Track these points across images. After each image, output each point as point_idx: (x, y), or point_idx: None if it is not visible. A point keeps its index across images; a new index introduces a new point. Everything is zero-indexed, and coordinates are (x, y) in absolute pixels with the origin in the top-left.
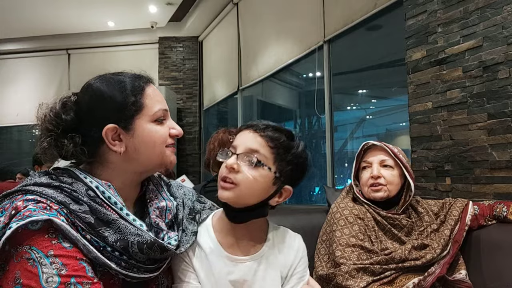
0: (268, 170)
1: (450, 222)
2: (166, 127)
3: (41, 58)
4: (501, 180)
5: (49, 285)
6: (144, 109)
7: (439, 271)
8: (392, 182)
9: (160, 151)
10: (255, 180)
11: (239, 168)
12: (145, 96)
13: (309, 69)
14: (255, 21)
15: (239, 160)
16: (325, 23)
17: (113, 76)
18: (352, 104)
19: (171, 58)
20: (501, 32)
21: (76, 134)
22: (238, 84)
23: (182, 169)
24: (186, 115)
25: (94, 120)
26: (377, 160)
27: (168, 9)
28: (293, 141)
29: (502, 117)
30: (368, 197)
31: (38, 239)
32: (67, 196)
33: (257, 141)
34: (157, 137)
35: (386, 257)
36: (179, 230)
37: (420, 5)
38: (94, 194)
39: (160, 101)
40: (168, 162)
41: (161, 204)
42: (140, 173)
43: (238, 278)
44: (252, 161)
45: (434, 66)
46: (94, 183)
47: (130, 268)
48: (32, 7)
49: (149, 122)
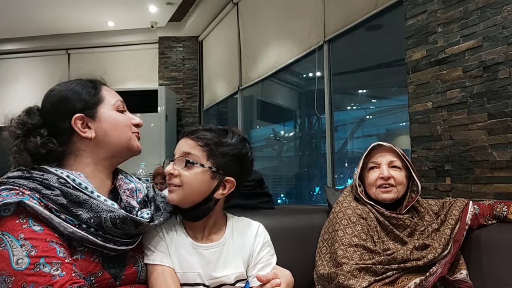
0: (202, 167)
1: (450, 221)
2: (127, 116)
3: (41, 58)
4: (501, 180)
5: (19, 266)
6: (105, 99)
7: (440, 271)
8: (401, 183)
9: (128, 134)
10: (192, 179)
11: (177, 172)
12: (103, 90)
13: (309, 69)
14: (255, 21)
15: (176, 165)
16: (325, 23)
17: (70, 81)
18: (352, 104)
19: (171, 58)
20: (501, 32)
21: (42, 129)
22: (238, 84)
23: None
24: (186, 115)
25: (60, 114)
26: (385, 161)
27: (168, 9)
28: (225, 136)
29: (502, 117)
30: (376, 198)
31: (9, 224)
32: (38, 184)
33: (188, 144)
34: (122, 121)
35: (388, 257)
36: (151, 205)
37: (420, 5)
38: (64, 181)
39: (116, 95)
40: (135, 146)
41: (130, 186)
42: (111, 158)
43: (202, 263)
44: (188, 163)
45: (434, 66)
46: (65, 173)
47: (107, 242)
48: (32, 7)
49: (112, 110)
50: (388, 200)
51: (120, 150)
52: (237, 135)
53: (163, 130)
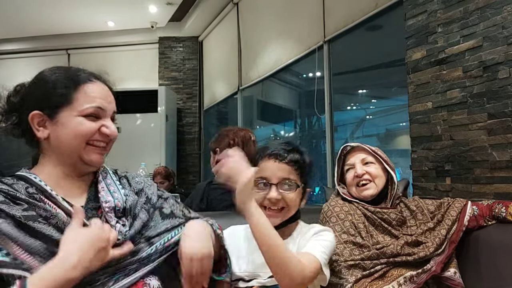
0: (298, 187)
1: (447, 222)
2: (97, 124)
3: (41, 58)
4: (501, 180)
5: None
6: (74, 103)
7: (434, 269)
8: (378, 176)
9: (78, 145)
10: (294, 200)
11: (280, 195)
12: (79, 91)
13: (309, 69)
14: (255, 21)
15: (279, 189)
16: (325, 23)
17: (61, 68)
18: (352, 104)
19: (171, 58)
20: (501, 32)
21: (15, 114)
22: (238, 84)
23: (182, 168)
24: (186, 115)
25: (28, 104)
26: (358, 160)
27: (168, 9)
28: (302, 151)
29: (502, 117)
30: (358, 197)
31: None
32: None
33: (285, 170)
34: (79, 130)
35: (377, 252)
36: (128, 218)
37: (420, 5)
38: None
39: (97, 98)
40: (88, 159)
41: (108, 198)
42: (70, 165)
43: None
44: (291, 187)
45: (434, 66)
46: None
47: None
48: (32, 7)
49: (76, 116)
50: (368, 197)
51: (72, 159)
52: (300, 144)
53: (163, 130)
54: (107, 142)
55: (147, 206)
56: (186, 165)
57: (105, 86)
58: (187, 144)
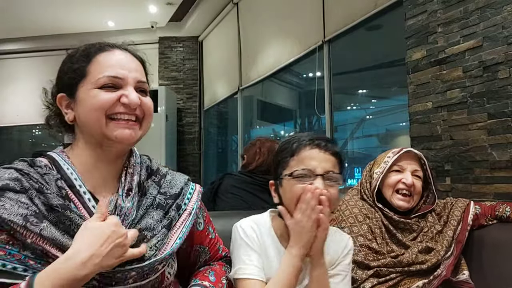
0: (340, 183)
1: (452, 222)
2: (115, 94)
3: (41, 58)
4: (501, 180)
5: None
6: (88, 76)
7: (444, 274)
8: (418, 193)
9: (98, 120)
10: (337, 197)
11: (327, 188)
12: (92, 63)
13: (309, 69)
14: (255, 21)
15: (325, 180)
16: (325, 23)
17: (84, 45)
18: (352, 104)
19: (171, 58)
20: (501, 32)
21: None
22: (238, 84)
23: (182, 168)
24: (186, 115)
25: (56, 87)
26: (411, 168)
27: (168, 9)
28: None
29: (502, 117)
30: (390, 201)
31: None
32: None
33: (331, 161)
34: (94, 103)
35: (394, 260)
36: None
37: (420, 5)
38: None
39: (112, 67)
40: (112, 135)
41: (133, 183)
42: (97, 146)
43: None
44: (337, 181)
45: (434, 66)
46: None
47: None
48: (32, 7)
49: (91, 89)
50: (403, 209)
51: (97, 138)
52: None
53: (164, 130)
54: (135, 115)
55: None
56: (186, 165)
57: (126, 53)
58: (187, 144)
